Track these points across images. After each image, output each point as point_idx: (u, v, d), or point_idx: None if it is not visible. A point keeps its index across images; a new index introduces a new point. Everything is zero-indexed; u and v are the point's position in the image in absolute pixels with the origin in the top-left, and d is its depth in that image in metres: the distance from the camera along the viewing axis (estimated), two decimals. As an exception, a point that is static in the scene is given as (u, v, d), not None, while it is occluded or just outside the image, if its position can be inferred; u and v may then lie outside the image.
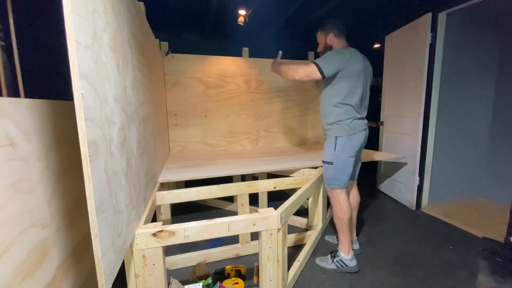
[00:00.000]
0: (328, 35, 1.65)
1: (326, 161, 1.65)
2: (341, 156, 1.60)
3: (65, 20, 0.65)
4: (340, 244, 1.69)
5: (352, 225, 1.87)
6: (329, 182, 1.67)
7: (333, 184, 1.65)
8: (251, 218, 1.24)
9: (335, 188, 1.65)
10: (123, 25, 1.09)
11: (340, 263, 1.67)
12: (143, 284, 1.11)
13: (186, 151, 2.90)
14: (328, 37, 1.65)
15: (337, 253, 1.70)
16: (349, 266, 1.66)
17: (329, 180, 1.67)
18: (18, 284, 0.80)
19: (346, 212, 1.64)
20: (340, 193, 1.65)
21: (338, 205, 1.65)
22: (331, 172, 1.64)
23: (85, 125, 0.70)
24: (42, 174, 0.98)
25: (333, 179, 1.64)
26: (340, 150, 1.59)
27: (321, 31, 1.69)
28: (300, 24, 3.30)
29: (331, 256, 1.72)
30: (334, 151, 1.60)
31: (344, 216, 1.64)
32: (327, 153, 1.65)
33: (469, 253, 1.84)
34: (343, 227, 1.66)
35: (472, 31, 2.51)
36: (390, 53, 2.93)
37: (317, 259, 1.76)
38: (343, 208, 1.64)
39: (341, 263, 1.67)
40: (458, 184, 2.75)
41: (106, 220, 0.81)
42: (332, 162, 1.61)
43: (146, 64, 1.60)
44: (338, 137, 1.59)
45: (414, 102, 2.54)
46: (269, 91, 3.11)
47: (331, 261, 1.69)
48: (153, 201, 1.51)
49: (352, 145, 1.60)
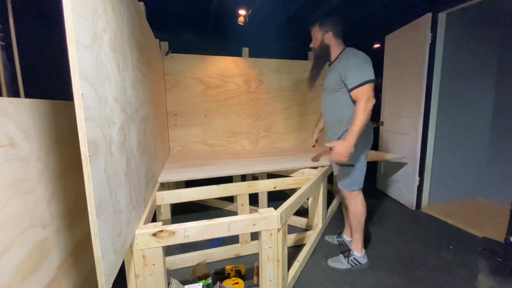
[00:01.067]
0: (326, 33, 1.58)
1: (346, 164, 1.60)
2: (360, 158, 1.60)
3: (65, 20, 0.65)
4: (355, 242, 1.70)
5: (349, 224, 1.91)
6: (349, 185, 1.64)
7: (353, 187, 1.63)
8: (251, 218, 1.24)
9: (355, 190, 1.64)
10: (123, 25, 1.09)
11: (355, 262, 1.67)
12: (143, 284, 1.11)
13: (186, 151, 2.90)
14: (326, 35, 1.59)
15: (350, 252, 1.70)
16: (362, 263, 1.68)
17: (349, 182, 1.64)
18: (18, 284, 0.80)
19: (364, 213, 1.66)
20: (359, 194, 1.65)
21: (358, 206, 1.65)
22: (352, 175, 1.62)
23: (85, 125, 0.70)
24: (42, 174, 0.98)
25: (353, 181, 1.62)
26: (360, 152, 1.58)
27: (319, 27, 1.61)
28: (300, 24, 3.30)
29: (344, 256, 1.71)
30: (355, 153, 1.56)
31: (362, 217, 1.66)
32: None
33: (469, 253, 1.84)
34: (360, 227, 1.67)
35: (472, 31, 2.51)
36: (390, 53, 2.93)
37: (329, 261, 1.75)
38: (362, 209, 1.65)
39: (356, 262, 1.67)
40: (458, 184, 2.75)
41: (106, 220, 0.81)
42: (353, 164, 1.60)
43: (146, 64, 1.60)
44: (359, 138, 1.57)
45: (414, 102, 2.54)
46: (269, 91, 3.11)
47: (345, 261, 1.69)
48: (153, 201, 1.51)
49: (368, 146, 1.61)
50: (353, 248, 1.71)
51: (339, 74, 1.52)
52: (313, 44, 1.67)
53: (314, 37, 1.66)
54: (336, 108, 1.62)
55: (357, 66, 1.45)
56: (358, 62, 1.46)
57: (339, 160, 1.49)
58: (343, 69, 1.50)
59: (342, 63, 1.54)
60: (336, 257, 1.75)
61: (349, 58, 1.50)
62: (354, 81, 1.44)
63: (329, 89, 1.62)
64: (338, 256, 1.75)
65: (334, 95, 1.60)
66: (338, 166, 1.67)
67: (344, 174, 1.66)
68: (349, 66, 1.47)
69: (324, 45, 1.61)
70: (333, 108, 1.63)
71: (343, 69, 1.50)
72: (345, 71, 1.48)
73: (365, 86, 1.42)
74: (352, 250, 1.71)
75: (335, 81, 1.55)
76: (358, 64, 1.46)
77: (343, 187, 1.68)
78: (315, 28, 1.64)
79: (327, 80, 1.63)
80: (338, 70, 1.53)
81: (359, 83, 1.43)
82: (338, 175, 1.72)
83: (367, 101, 1.41)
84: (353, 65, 1.46)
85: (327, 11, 2.89)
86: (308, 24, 1.75)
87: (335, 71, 1.57)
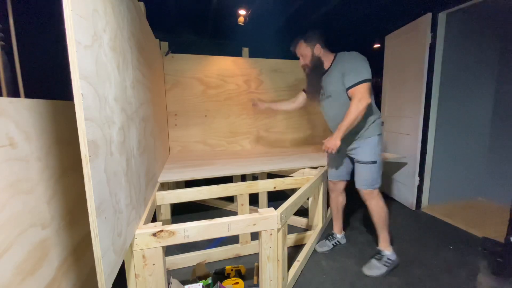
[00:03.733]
0: (314, 46, 1.60)
1: (369, 161, 1.59)
2: (380, 154, 1.61)
3: (65, 20, 0.65)
4: (383, 242, 1.69)
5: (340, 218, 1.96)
6: (372, 183, 1.61)
7: (376, 184, 1.62)
8: (251, 218, 1.24)
9: (376, 188, 1.63)
10: (123, 25, 1.09)
11: (389, 262, 1.65)
12: (143, 284, 1.11)
13: (186, 151, 2.90)
14: (315, 48, 1.60)
15: (381, 253, 1.68)
16: (394, 260, 1.67)
17: (372, 180, 1.61)
18: (18, 284, 0.80)
19: (387, 209, 1.67)
20: (378, 192, 1.65)
21: (381, 205, 1.65)
22: (375, 171, 1.60)
23: (85, 125, 0.70)
24: (42, 174, 0.98)
25: (376, 179, 1.61)
26: (380, 149, 1.61)
27: (306, 43, 1.62)
28: (300, 24, 3.30)
29: (377, 260, 1.67)
30: (377, 149, 1.58)
31: (387, 214, 1.66)
32: (371, 152, 1.59)
33: (469, 253, 1.84)
34: (386, 224, 1.67)
35: (472, 31, 2.51)
36: (390, 53, 2.93)
37: (364, 269, 1.65)
38: (384, 206, 1.66)
39: (389, 261, 1.65)
40: (458, 184, 2.75)
41: (106, 220, 0.81)
42: (376, 161, 1.59)
43: (146, 64, 1.60)
44: (379, 135, 1.59)
45: (414, 102, 2.54)
46: (269, 91, 3.11)
47: (380, 264, 1.65)
48: (153, 201, 1.51)
49: (383, 141, 1.63)
50: (382, 247, 1.69)
51: (341, 74, 1.53)
52: (304, 61, 1.67)
53: (302, 55, 1.65)
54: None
55: (354, 66, 1.49)
56: (354, 62, 1.50)
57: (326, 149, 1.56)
58: (342, 70, 1.53)
59: (338, 66, 1.56)
60: (369, 264, 1.67)
61: (346, 60, 1.54)
62: (350, 81, 1.48)
63: (336, 93, 1.59)
64: (371, 263, 1.67)
65: (342, 100, 1.58)
66: (361, 164, 1.62)
67: (364, 173, 1.62)
68: (347, 67, 1.51)
69: (316, 58, 1.62)
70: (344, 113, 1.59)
71: (341, 70, 1.53)
72: (343, 72, 1.51)
73: (360, 86, 1.46)
74: (382, 250, 1.68)
75: (340, 83, 1.55)
76: (354, 64, 1.50)
77: (364, 187, 1.64)
78: (301, 45, 1.65)
79: (330, 87, 1.61)
80: (340, 70, 1.54)
81: (354, 82, 1.47)
82: (357, 175, 1.66)
83: (359, 100, 1.45)
84: (350, 66, 1.51)
85: (327, 11, 2.89)
86: (308, 24, 1.74)
87: (334, 75, 1.57)
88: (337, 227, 1.99)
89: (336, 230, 1.99)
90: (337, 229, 1.99)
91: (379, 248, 1.71)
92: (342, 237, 1.98)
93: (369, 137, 1.60)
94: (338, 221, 1.98)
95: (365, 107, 1.45)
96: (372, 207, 1.67)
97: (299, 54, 1.68)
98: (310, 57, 1.63)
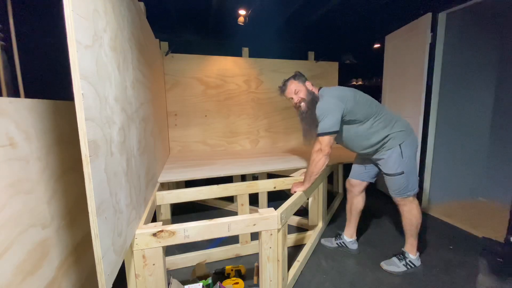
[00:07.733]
0: (305, 83, 1.63)
1: (395, 173, 1.56)
2: (410, 161, 1.56)
3: (65, 20, 0.65)
4: (410, 247, 1.69)
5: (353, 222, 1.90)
6: (403, 191, 1.59)
7: (409, 191, 1.59)
8: (251, 218, 1.24)
9: (410, 196, 1.60)
10: (123, 25, 1.09)
11: (410, 264, 1.66)
12: (143, 284, 1.11)
13: (186, 151, 2.90)
14: (306, 84, 1.63)
15: (405, 254, 1.69)
16: (417, 265, 1.68)
17: (402, 189, 1.59)
18: (18, 284, 0.80)
19: (420, 219, 1.64)
20: (414, 200, 1.62)
21: (414, 213, 1.62)
22: (403, 181, 1.57)
23: (86, 125, 0.70)
24: (42, 174, 0.98)
25: (407, 187, 1.57)
26: (408, 156, 1.55)
27: (297, 81, 1.63)
28: (300, 24, 3.30)
29: (398, 259, 1.69)
30: (402, 159, 1.54)
31: (419, 223, 1.64)
32: (395, 164, 1.56)
33: (469, 253, 1.84)
34: (416, 232, 1.66)
35: (472, 31, 2.51)
36: (390, 53, 2.93)
37: (383, 264, 1.70)
38: (418, 215, 1.63)
39: (411, 264, 1.66)
40: (458, 184, 2.75)
41: (107, 220, 0.81)
42: (403, 171, 1.55)
43: (146, 64, 1.60)
44: (401, 144, 1.54)
45: (414, 102, 2.54)
46: (269, 91, 3.11)
47: (400, 263, 1.66)
48: (153, 201, 1.51)
49: (414, 144, 1.59)
50: (407, 250, 1.69)
51: None
52: (299, 95, 1.60)
53: (296, 91, 1.61)
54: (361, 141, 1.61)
55: (323, 114, 1.49)
56: (325, 110, 1.49)
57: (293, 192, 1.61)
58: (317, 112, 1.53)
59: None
60: (390, 260, 1.70)
61: (320, 103, 1.53)
62: (318, 128, 1.51)
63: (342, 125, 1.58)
64: (392, 259, 1.70)
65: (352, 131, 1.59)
66: (388, 176, 1.61)
67: (393, 183, 1.61)
68: (318, 113, 1.51)
69: (310, 92, 1.62)
70: (358, 142, 1.62)
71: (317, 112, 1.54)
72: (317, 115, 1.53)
73: (323, 138, 1.50)
74: (406, 252, 1.69)
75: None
76: (324, 111, 1.49)
77: (396, 195, 1.62)
78: (292, 83, 1.63)
79: None
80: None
81: (319, 132, 1.51)
82: (388, 184, 1.65)
83: (318, 150, 1.52)
84: (320, 112, 1.50)
85: (327, 11, 2.89)
86: (308, 24, 1.73)
87: None
88: (347, 230, 1.92)
89: (346, 233, 1.92)
90: (347, 233, 1.92)
91: (404, 250, 1.71)
92: (352, 242, 1.89)
93: (392, 147, 1.56)
94: (350, 224, 1.91)
95: (321, 158, 1.51)
96: (404, 213, 1.65)
97: (292, 92, 1.62)
98: (305, 91, 1.61)
